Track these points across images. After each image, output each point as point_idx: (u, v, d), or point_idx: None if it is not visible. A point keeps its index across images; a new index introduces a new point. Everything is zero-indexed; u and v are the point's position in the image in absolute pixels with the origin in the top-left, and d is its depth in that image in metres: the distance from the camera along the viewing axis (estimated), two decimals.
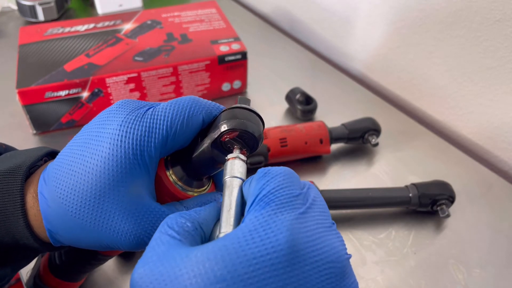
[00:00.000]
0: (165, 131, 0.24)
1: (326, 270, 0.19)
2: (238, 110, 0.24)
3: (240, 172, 0.23)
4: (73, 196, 0.23)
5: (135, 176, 0.23)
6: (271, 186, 0.20)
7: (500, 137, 0.59)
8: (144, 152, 0.24)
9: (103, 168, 0.23)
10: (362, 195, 0.49)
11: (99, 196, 0.23)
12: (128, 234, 0.24)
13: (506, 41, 0.53)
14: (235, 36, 0.67)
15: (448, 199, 0.48)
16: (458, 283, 0.44)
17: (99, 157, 0.23)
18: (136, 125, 0.24)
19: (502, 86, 0.56)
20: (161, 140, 0.24)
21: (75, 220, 0.24)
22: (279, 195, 0.20)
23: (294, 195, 0.20)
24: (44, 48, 0.63)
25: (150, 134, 0.24)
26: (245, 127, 0.23)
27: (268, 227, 0.19)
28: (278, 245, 0.18)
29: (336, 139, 0.56)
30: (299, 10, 0.85)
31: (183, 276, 0.17)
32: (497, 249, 0.48)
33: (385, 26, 0.69)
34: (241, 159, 0.23)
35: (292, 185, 0.21)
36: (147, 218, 0.24)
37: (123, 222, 0.23)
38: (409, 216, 0.51)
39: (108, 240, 0.24)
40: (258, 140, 0.24)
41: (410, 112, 0.71)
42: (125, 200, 0.23)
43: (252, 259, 0.17)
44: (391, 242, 0.48)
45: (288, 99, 0.65)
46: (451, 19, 0.58)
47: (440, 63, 0.63)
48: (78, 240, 0.25)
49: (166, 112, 0.24)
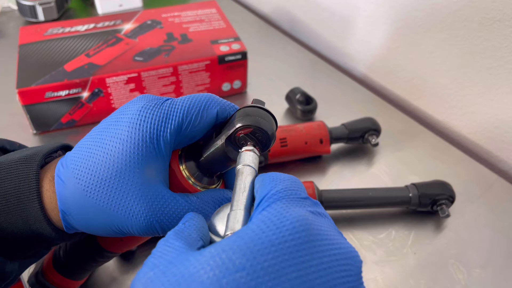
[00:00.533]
0: (181, 119, 0.25)
1: (345, 266, 0.18)
2: (254, 108, 0.25)
3: (254, 162, 0.24)
4: (90, 176, 0.24)
5: (150, 160, 0.24)
6: (280, 187, 0.20)
7: (500, 137, 0.59)
8: (160, 137, 0.25)
9: (121, 150, 0.24)
10: (362, 195, 0.49)
11: (115, 176, 0.24)
12: (139, 216, 0.24)
13: (506, 41, 0.53)
14: (235, 36, 0.67)
15: (448, 199, 0.48)
16: (458, 283, 0.44)
17: (117, 139, 0.24)
18: (155, 111, 0.25)
19: (502, 86, 0.56)
20: (177, 127, 0.25)
21: (90, 199, 0.24)
22: (288, 194, 0.20)
23: (302, 197, 0.20)
24: (44, 48, 0.63)
25: (166, 120, 0.25)
26: (259, 124, 0.24)
27: (282, 216, 0.18)
28: (295, 232, 0.18)
29: (336, 139, 0.56)
30: (299, 10, 0.85)
31: (199, 272, 0.16)
32: (497, 249, 0.48)
33: (385, 26, 0.69)
34: (255, 153, 0.24)
35: (299, 189, 0.21)
36: (159, 202, 0.24)
37: (135, 203, 0.24)
38: (409, 216, 0.51)
39: (119, 221, 0.24)
40: (271, 138, 0.25)
41: (410, 112, 0.71)
42: (139, 181, 0.24)
43: (271, 246, 0.17)
44: (391, 242, 0.48)
45: (288, 99, 0.65)
46: (451, 19, 0.58)
47: (440, 63, 0.63)
48: (90, 222, 0.25)
49: (183, 102, 0.26)
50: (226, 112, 0.27)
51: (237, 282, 0.16)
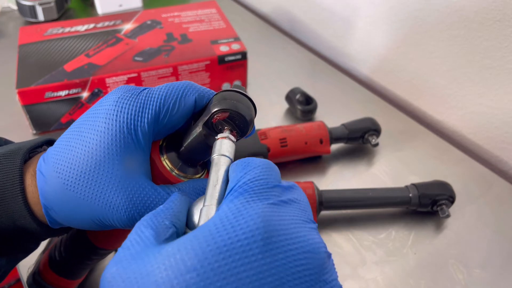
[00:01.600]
0: (158, 108, 0.25)
1: (302, 260, 0.18)
2: (231, 92, 0.25)
3: (228, 151, 0.23)
4: (70, 169, 0.24)
5: (129, 151, 0.24)
6: (248, 177, 0.20)
7: (500, 137, 0.59)
8: (137, 127, 0.24)
9: (99, 142, 0.24)
10: (362, 195, 0.49)
11: (94, 168, 0.24)
12: (119, 209, 0.24)
13: (506, 41, 0.53)
14: (235, 36, 0.67)
15: (448, 199, 0.48)
16: (458, 283, 0.44)
17: (95, 132, 0.24)
18: (131, 101, 0.25)
19: (502, 86, 0.56)
20: (154, 116, 0.25)
21: (70, 193, 0.24)
22: (253, 185, 0.20)
23: (270, 186, 0.20)
24: (44, 48, 0.63)
25: (143, 110, 0.25)
26: (236, 108, 0.24)
27: (239, 214, 0.18)
28: (249, 231, 0.18)
29: (336, 139, 0.56)
30: (299, 10, 0.85)
31: (155, 271, 0.17)
32: (497, 249, 0.48)
33: (385, 26, 0.69)
34: (230, 139, 0.24)
35: (270, 177, 0.21)
36: (139, 194, 0.24)
37: (115, 196, 0.24)
38: (409, 216, 0.51)
39: (100, 214, 0.24)
40: (248, 123, 0.24)
41: (410, 112, 0.71)
42: (119, 174, 0.24)
43: (223, 247, 0.17)
44: (391, 242, 0.48)
45: (288, 99, 0.65)
46: (451, 19, 0.58)
47: (440, 63, 0.63)
48: (72, 215, 0.25)
49: (160, 91, 0.25)
50: (205, 98, 0.26)
51: (187, 283, 0.16)
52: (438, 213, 0.49)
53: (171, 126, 0.26)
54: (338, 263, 0.46)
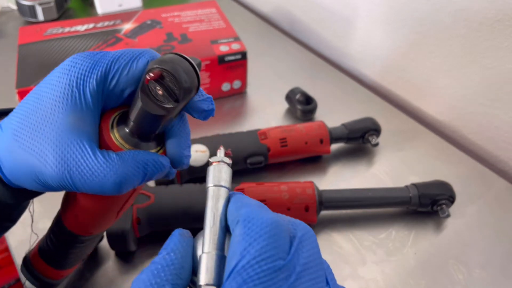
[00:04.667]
0: (109, 66, 0.25)
1: None
2: (170, 55, 0.23)
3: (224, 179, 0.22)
4: (21, 120, 0.25)
5: (75, 108, 0.24)
6: (251, 255, 0.18)
7: (500, 137, 0.59)
8: (86, 83, 0.24)
9: (49, 94, 0.24)
10: (362, 195, 0.49)
11: (40, 120, 0.24)
12: (53, 166, 0.23)
13: (507, 41, 0.53)
14: (235, 36, 0.67)
15: (448, 199, 0.48)
16: (458, 283, 0.44)
17: (48, 85, 0.25)
18: (85, 58, 0.25)
19: (502, 86, 0.56)
20: (104, 75, 0.25)
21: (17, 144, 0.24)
22: (259, 269, 0.18)
23: (277, 268, 0.18)
24: (44, 48, 0.63)
25: (94, 67, 0.25)
26: (169, 68, 0.22)
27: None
28: None
29: (336, 139, 0.56)
30: (299, 10, 0.85)
31: None
32: (497, 249, 0.48)
33: (385, 26, 0.69)
34: (225, 163, 0.23)
35: (277, 253, 0.19)
36: (74, 153, 0.23)
37: (52, 151, 0.23)
38: (409, 216, 0.51)
39: (36, 167, 0.24)
40: (183, 84, 0.22)
41: (410, 112, 0.71)
42: (60, 128, 0.24)
43: None
44: (391, 242, 0.48)
45: (288, 99, 0.65)
46: (451, 18, 0.58)
47: (441, 63, 0.63)
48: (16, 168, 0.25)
49: (115, 52, 0.25)
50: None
51: None
52: (438, 213, 0.49)
53: (120, 90, 0.25)
54: (338, 263, 0.46)
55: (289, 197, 0.46)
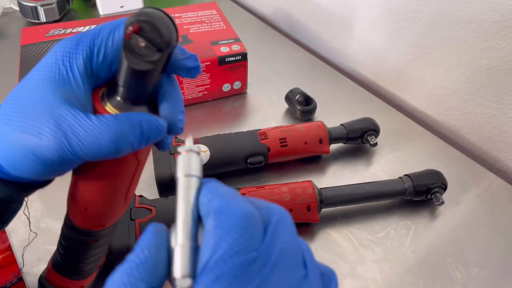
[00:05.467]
0: (92, 41, 0.25)
1: None
2: (147, 9, 0.23)
3: (194, 168, 0.21)
4: (11, 104, 0.25)
5: (64, 83, 0.24)
6: (224, 248, 0.18)
7: (498, 137, 0.59)
8: (73, 60, 0.25)
9: (37, 75, 0.25)
10: (360, 190, 0.49)
11: (29, 99, 0.24)
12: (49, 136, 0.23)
13: (504, 42, 0.54)
14: (235, 37, 0.68)
15: (441, 187, 0.50)
16: (456, 282, 0.45)
17: (36, 69, 0.25)
18: (69, 40, 0.25)
19: (500, 87, 0.57)
20: (89, 50, 0.25)
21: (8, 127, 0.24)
22: (232, 264, 0.17)
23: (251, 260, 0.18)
24: (46, 49, 0.64)
25: (78, 44, 0.25)
26: (147, 17, 0.22)
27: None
28: None
29: (336, 139, 0.57)
30: (299, 12, 0.86)
31: None
32: (495, 248, 0.48)
33: (384, 27, 0.69)
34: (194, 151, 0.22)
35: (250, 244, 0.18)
36: (67, 120, 0.24)
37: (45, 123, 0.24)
38: (408, 215, 0.51)
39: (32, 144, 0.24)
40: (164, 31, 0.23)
41: (408, 112, 0.71)
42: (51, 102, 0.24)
43: None
44: (390, 241, 0.48)
45: (288, 100, 0.65)
46: (449, 19, 0.59)
47: (439, 64, 0.63)
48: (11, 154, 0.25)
49: (95, 28, 0.26)
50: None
51: None
52: (432, 200, 0.50)
53: (108, 62, 0.25)
54: (337, 262, 0.46)
55: (290, 198, 0.47)
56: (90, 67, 0.25)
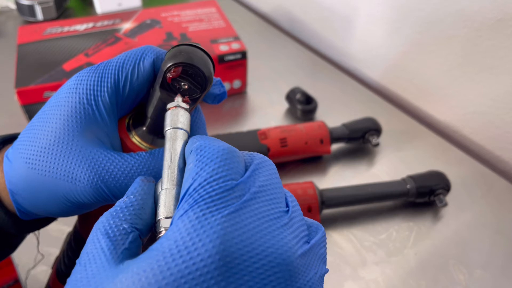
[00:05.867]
0: (117, 76, 0.24)
1: (270, 277, 0.17)
2: (182, 46, 0.23)
3: (181, 122, 0.22)
4: (32, 147, 0.24)
5: (91, 123, 0.24)
6: (203, 177, 0.18)
7: (502, 137, 0.59)
8: (98, 97, 0.24)
9: (59, 116, 0.24)
10: (362, 191, 0.49)
11: (54, 142, 0.23)
12: (83, 181, 0.23)
13: (507, 40, 0.53)
14: (234, 35, 0.67)
15: (444, 188, 0.50)
16: (459, 283, 0.44)
17: (56, 107, 0.24)
18: (90, 74, 0.24)
19: (503, 86, 0.56)
20: (114, 85, 0.24)
21: (33, 171, 0.23)
22: (210, 189, 0.18)
23: (229, 187, 0.18)
24: (43, 47, 0.63)
25: (102, 80, 0.24)
26: (188, 61, 0.22)
27: (195, 234, 0.17)
28: (208, 257, 0.16)
29: (337, 139, 0.56)
30: (299, 10, 0.85)
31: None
32: (498, 249, 0.48)
33: (385, 26, 0.68)
34: (182, 107, 0.22)
35: (229, 174, 0.18)
36: (102, 161, 0.23)
37: (77, 167, 0.23)
38: (410, 217, 0.51)
39: (64, 189, 0.23)
40: (206, 75, 0.22)
41: (411, 112, 0.70)
42: (79, 144, 0.23)
43: (180, 278, 0.16)
44: (392, 242, 0.48)
45: (289, 99, 0.65)
46: (452, 18, 0.58)
47: (441, 63, 0.62)
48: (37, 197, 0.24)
49: (118, 60, 0.25)
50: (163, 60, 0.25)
51: None
52: (435, 202, 0.49)
53: (134, 95, 0.25)
54: (338, 264, 0.46)
55: None
56: (115, 102, 0.24)
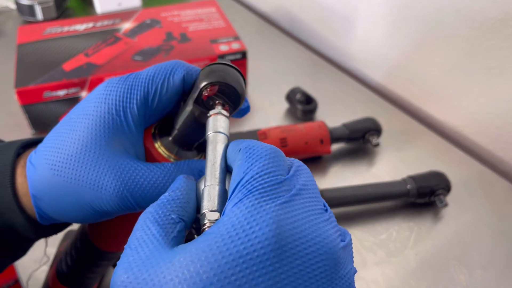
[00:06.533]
0: (146, 88, 0.25)
1: (318, 263, 0.18)
2: (217, 65, 0.23)
3: (223, 127, 0.23)
4: (57, 154, 0.24)
5: (118, 133, 0.24)
6: (255, 171, 0.19)
7: (502, 137, 0.59)
8: (127, 109, 0.24)
9: (87, 124, 0.24)
10: (362, 191, 0.49)
11: (81, 150, 0.23)
12: (109, 189, 0.23)
13: (508, 40, 0.53)
14: (234, 35, 0.67)
15: (445, 189, 0.49)
16: (459, 284, 0.44)
17: (83, 116, 0.24)
18: (119, 84, 0.25)
19: (504, 86, 0.56)
20: (143, 98, 0.24)
21: (58, 178, 0.24)
22: (263, 181, 0.19)
23: (279, 181, 0.19)
24: (43, 47, 0.63)
25: (132, 91, 0.24)
26: (225, 80, 0.23)
27: (252, 219, 0.18)
28: (265, 239, 0.17)
29: (337, 139, 0.56)
30: (300, 9, 0.85)
31: (168, 284, 0.17)
32: (499, 249, 0.47)
33: (386, 26, 0.68)
34: (223, 115, 0.23)
35: (278, 170, 0.19)
36: (128, 171, 0.23)
37: (104, 176, 0.23)
38: (410, 217, 0.50)
39: (90, 198, 0.23)
40: (239, 94, 0.23)
41: (411, 112, 0.70)
42: (106, 154, 0.23)
43: (238, 258, 0.17)
44: (392, 243, 0.48)
45: (289, 99, 0.65)
46: (452, 18, 0.58)
47: (442, 63, 0.62)
48: (61, 203, 0.24)
49: (148, 73, 0.25)
50: (193, 76, 0.26)
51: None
52: (435, 203, 0.49)
53: (162, 108, 0.25)
54: None
55: None
56: (143, 114, 0.25)
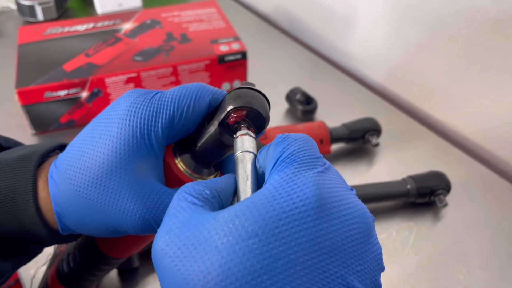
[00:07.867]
0: (172, 112, 0.25)
1: (353, 225, 0.19)
2: (244, 90, 0.24)
3: (252, 147, 0.23)
4: (82, 175, 0.24)
5: (142, 156, 0.24)
6: (292, 149, 0.20)
7: (502, 137, 0.59)
8: (151, 132, 0.24)
9: (112, 147, 0.24)
10: (362, 191, 0.49)
11: (106, 174, 0.24)
12: (134, 214, 0.24)
13: (508, 40, 0.53)
14: (235, 35, 0.67)
15: (445, 189, 0.50)
16: (459, 283, 0.44)
17: (108, 137, 0.24)
18: (144, 106, 0.25)
19: (503, 86, 0.56)
20: (168, 121, 0.24)
21: (83, 200, 0.24)
22: (301, 155, 0.20)
23: (315, 156, 0.20)
24: (43, 48, 0.63)
25: (157, 115, 0.24)
26: (251, 105, 0.23)
27: (293, 183, 0.19)
28: (306, 198, 0.18)
29: (337, 139, 0.56)
30: (300, 10, 0.85)
31: (213, 238, 0.17)
32: (498, 249, 0.47)
33: (386, 26, 0.68)
34: (250, 136, 0.23)
35: (312, 148, 0.21)
36: (153, 199, 0.24)
37: (129, 201, 0.24)
38: (410, 217, 0.51)
39: (114, 220, 0.24)
40: (265, 119, 0.24)
41: (411, 112, 0.70)
42: (132, 179, 0.24)
43: (282, 213, 0.18)
44: (392, 243, 0.48)
45: (288, 99, 0.65)
46: (452, 18, 0.58)
47: (441, 63, 0.62)
48: (85, 222, 0.25)
49: (174, 95, 0.25)
50: (218, 99, 0.26)
51: (249, 248, 0.17)
52: (435, 203, 0.49)
53: (186, 129, 0.26)
54: None
55: None
56: (167, 135, 0.25)
